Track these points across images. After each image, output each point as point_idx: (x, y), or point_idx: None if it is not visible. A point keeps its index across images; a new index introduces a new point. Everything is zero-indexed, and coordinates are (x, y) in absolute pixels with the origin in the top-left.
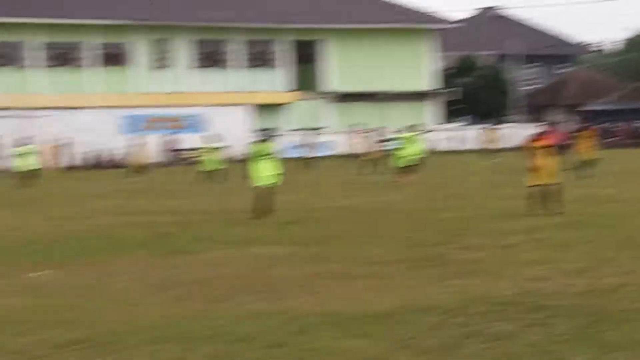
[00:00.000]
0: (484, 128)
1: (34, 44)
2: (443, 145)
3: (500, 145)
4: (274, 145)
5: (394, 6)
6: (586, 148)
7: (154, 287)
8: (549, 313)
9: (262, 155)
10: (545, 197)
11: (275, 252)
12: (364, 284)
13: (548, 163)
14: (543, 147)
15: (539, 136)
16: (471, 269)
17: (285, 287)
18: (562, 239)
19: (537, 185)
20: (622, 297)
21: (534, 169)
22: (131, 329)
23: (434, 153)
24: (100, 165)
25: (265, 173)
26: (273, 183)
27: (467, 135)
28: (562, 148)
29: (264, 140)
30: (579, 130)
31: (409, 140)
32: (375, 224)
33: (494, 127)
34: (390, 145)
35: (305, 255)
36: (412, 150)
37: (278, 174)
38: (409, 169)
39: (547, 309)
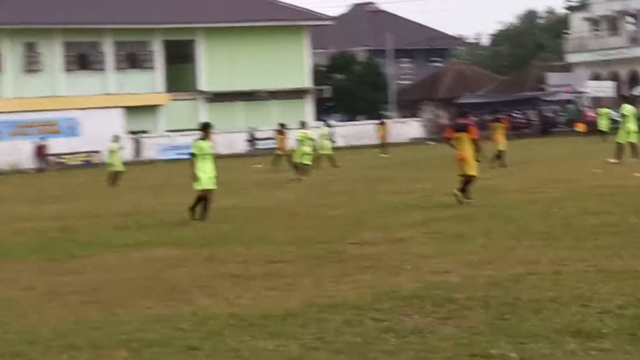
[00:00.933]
0: (374, 124)
1: None
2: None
3: (387, 140)
4: (212, 144)
5: (269, 3)
6: (500, 139)
7: (50, 294)
8: (460, 305)
9: (205, 155)
10: (463, 187)
11: (167, 254)
12: (266, 284)
13: (469, 154)
14: (465, 138)
15: (460, 127)
16: (370, 264)
17: (186, 290)
18: (457, 231)
19: (462, 175)
20: (530, 287)
21: (460, 160)
22: (35, 339)
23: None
24: None
25: (207, 174)
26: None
27: (351, 132)
28: (476, 139)
29: (203, 139)
30: (493, 122)
31: (305, 138)
32: (267, 222)
33: (383, 122)
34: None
35: (200, 256)
36: (308, 149)
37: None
38: (304, 166)
39: (456, 301)
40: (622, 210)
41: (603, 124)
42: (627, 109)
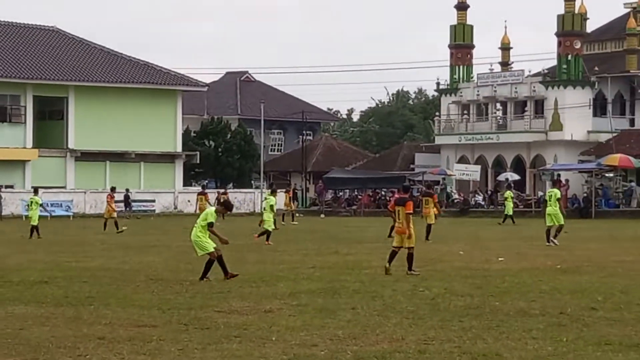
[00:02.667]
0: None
1: None
2: (190, 208)
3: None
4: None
5: (144, 66)
6: (429, 213)
7: None
8: None
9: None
10: (392, 258)
11: (28, 313)
12: (133, 348)
13: (404, 227)
14: (401, 211)
15: (399, 202)
16: (237, 333)
17: (49, 350)
18: (324, 304)
19: (397, 247)
20: None
21: (399, 232)
22: None
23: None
24: None
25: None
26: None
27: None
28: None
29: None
30: (424, 196)
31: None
32: (133, 285)
33: (293, 190)
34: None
35: (63, 316)
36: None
37: None
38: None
39: None
40: (484, 292)
41: (509, 207)
42: (555, 192)
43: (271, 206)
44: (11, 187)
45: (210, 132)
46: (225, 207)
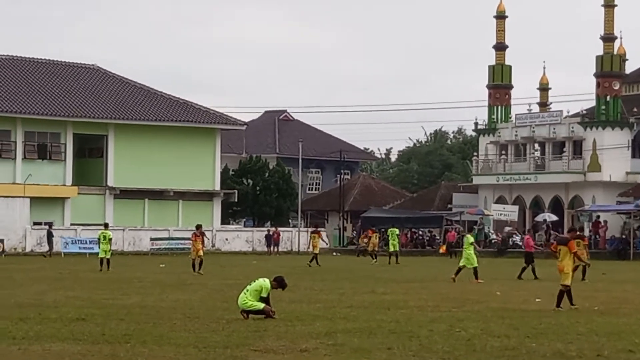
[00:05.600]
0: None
1: None
2: (228, 246)
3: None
4: None
5: (183, 104)
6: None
7: None
8: None
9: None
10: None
11: (65, 350)
12: None
13: (566, 266)
14: (565, 251)
15: (561, 241)
16: None
17: None
18: (359, 344)
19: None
20: None
21: (560, 270)
22: None
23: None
24: None
25: None
26: None
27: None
28: None
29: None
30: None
31: None
32: (169, 323)
33: (318, 231)
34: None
35: (100, 354)
36: None
37: None
38: None
39: None
40: (521, 333)
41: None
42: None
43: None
44: (51, 224)
45: (249, 170)
46: (279, 285)
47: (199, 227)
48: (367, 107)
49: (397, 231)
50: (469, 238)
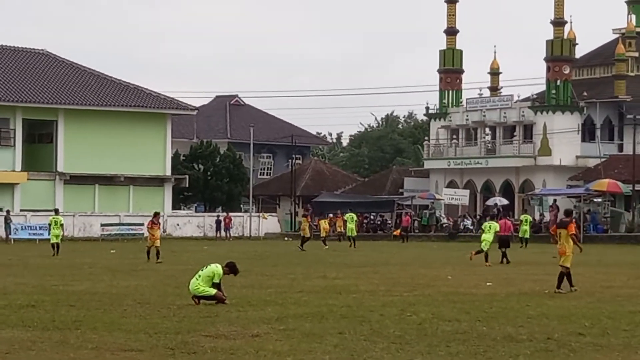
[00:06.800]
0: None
1: None
2: (179, 231)
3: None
4: None
5: (134, 89)
6: None
7: None
8: None
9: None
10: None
11: (15, 337)
12: None
13: (567, 248)
14: (564, 234)
15: (561, 224)
16: (224, 358)
17: None
18: (311, 329)
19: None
20: None
21: (560, 253)
22: None
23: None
24: None
25: None
26: None
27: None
28: None
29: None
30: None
31: None
32: (120, 309)
33: (308, 215)
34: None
35: (50, 340)
36: None
37: None
38: None
39: None
40: (472, 317)
41: (525, 230)
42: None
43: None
44: (8, 210)
45: (200, 155)
46: (231, 271)
47: (156, 214)
48: (319, 92)
49: (354, 216)
50: (496, 226)
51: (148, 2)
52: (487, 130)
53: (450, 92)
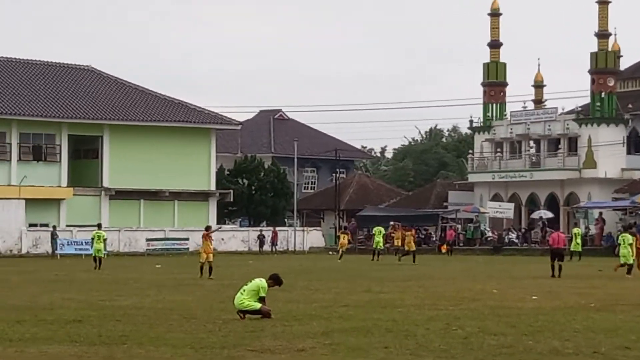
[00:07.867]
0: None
1: None
2: (224, 246)
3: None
4: None
5: (178, 105)
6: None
7: None
8: None
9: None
10: None
11: (62, 352)
12: None
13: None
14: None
15: None
16: None
17: None
18: (356, 343)
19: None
20: None
21: None
22: None
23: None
24: None
25: None
26: None
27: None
28: None
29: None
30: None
31: None
32: (165, 324)
33: (346, 232)
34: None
35: (96, 356)
36: None
37: None
38: None
39: None
40: (518, 331)
41: (577, 244)
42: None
43: None
44: (46, 225)
45: (244, 170)
46: (276, 282)
47: (208, 228)
48: (362, 106)
49: (382, 229)
50: (629, 238)
51: (191, 19)
52: (532, 143)
53: (494, 105)
